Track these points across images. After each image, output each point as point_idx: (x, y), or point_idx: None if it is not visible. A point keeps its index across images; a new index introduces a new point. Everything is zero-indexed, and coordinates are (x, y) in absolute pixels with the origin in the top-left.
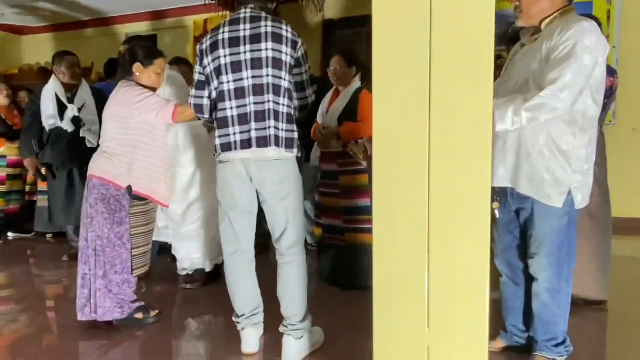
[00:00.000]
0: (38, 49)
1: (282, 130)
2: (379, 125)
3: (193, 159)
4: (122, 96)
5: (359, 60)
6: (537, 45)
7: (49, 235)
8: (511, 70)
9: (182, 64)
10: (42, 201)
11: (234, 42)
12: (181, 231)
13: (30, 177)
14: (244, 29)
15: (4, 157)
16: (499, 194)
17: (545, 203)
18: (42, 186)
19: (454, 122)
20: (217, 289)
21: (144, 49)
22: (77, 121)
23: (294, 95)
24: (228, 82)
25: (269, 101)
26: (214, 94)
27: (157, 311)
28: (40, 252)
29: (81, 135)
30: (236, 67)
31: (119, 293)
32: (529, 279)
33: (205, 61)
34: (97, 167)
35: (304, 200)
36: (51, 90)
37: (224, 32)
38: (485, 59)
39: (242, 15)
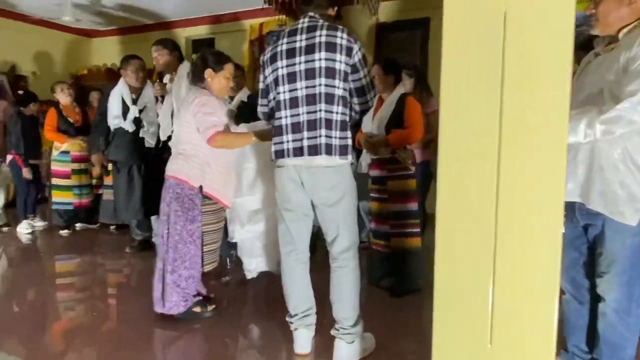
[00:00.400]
0: (106, 51)
1: (335, 137)
2: (446, 132)
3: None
4: (194, 105)
5: (398, 68)
6: (613, 55)
7: (112, 227)
8: (583, 80)
9: (235, 69)
10: (107, 194)
11: (291, 53)
12: (246, 231)
13: (96, 171)
14: (300, 40)
15: (68, 152)
16: (566, 209)
17: (618, 220)
18: (107, 180)
19: (526, 131)
20: (277, 288)
21: (214, 55)
22: (138, 122)
23: (355, 100)
24: (284, 92)
25: (320, 110)
26: (272, 103)
27: (213, 306)
28: (104, 243)
29: (140, 135)
30: (292, 77)
31: (186, 287)
32: (594, 298)
33: (267, 72)
34: (172, 168)
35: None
36: (118, 92)
37: (282, 44)
38: (563, 66)
39: (299, 26)
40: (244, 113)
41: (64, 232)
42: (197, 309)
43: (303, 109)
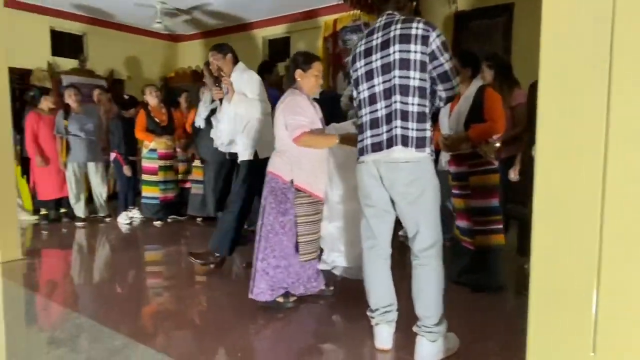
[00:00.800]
0: (191, 54)
1: (412, 129)
2: (545, 127)
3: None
4: (284, 105)
5: (475, 60)
6: None
7: (199, 219)
8: None
9: None
10: (195, 189)
11: (368, 52)
12: (332, 226)
13: (181, 167)
14: (377, 38)
15: (155, 150)
16: None
17: None
18: (195, 175)
19: (637, 124)
20: (357, 281)
21: (302, 55)
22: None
23: (440, 87)
24: (363, 90)
25: (395, 102)
26: (355, 103)
27: (295, 297)
28: (192, 234)
29: (210, 135)
30: (369, 75)
31: (274, 276)
32: None
33: (351, 72)
34: (270, 163)
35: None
36: (207, 93)
37: (361, 45)
38: None
39: (377, 25)
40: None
41: (157, 223)
42: (280, 299)
43: (381, 104)
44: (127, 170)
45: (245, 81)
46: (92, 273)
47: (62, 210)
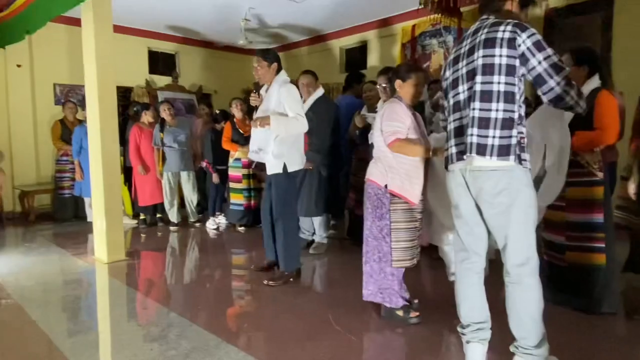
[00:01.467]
0: None
1: (492, 137)
2: None
3: None
4: (383, 113)
5: (594, 58)
6: None
7: None
8: None
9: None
10: None
11: (456, 60)
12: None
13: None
14: (464, 46)
15: (239, 159)
16: None
17: None
18: None
19: None
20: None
21: (404, 66)
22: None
23: (538, 90)
24: (450, 98)
25: (474, 109)
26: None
27: (417, 313)
28: None
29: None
30: (455, 83)
31: (378, 280)
32: None
33: (442, 80)
34: (368, 171)
35: None
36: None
37: (451, 54)
38: None
39: (469, 31)
40: None
41: (241, 229)
42: (400, 313)
43: (464, 112)
44: (215, 178)
45: (283, 96)
46: (183, 274)
47: (158, 215)
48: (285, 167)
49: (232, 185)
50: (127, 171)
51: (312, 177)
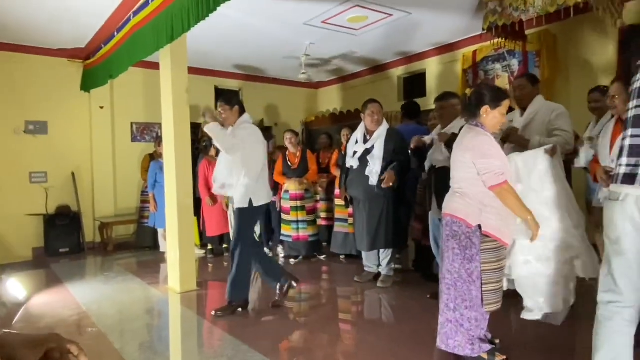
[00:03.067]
0: (329, 99)
1: None
2: None
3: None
4: (468, 142)
5: None
6: None
7: (341, 257)
8: None
9: (452, 98)
10: (338, 227)
11: None
12: (530, 267)
13: (322, 205)
14: None
15: (287, 191)
16: None
17: None
18: (339, 214)
19: None
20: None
21: (492, 91)
22: (364, 160)
23: None
24: (631, 109)
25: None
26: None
27: (504, 357)
28: (335, 271)
29: (366, 173)
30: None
31: (470, 329)
32: None
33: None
34: (449, 206)
35: None
36: (355, 133)
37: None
38: None
39: None
40: None
41: (292, 261)
42: (485, 356)
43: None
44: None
45: (244, 136)
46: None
47: (224, 245)
48: (250, 202)
49: (283, 217)
50: (196, 202)
51: (376, 208)
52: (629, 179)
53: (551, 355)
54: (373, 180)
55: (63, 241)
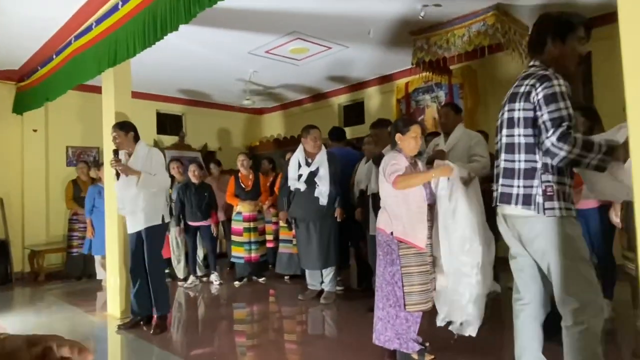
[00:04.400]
0: (273, 125)
1: (517, 187)
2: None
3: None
4: (383, 163)
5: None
6: None
7: (286, 277)
8: None
9: (385, 126)
10: (282, 248)
11: (502, 106)
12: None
13: (269, 227)
14: (507, 94)
15: (240, 213)
16: None
17: None
18: (283, 235)
19: None
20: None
21: (402, 120)
22: (310, 182)
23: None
24: (496, 143)
25: (501, 160)
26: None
27: (432, 356)
28: (280, 291)
29: (315, 194)
30: (497, 130)
31: (395, 325)
32: None
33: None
34: (377, 219)
35: None
36: (295, 157)
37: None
38: None
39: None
40: None
41: (237, 283)
42: (415, 356)
43: (499, 159)
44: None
45: (148, 159)
46: (191, 326)
47: (166, 270)
48: (163, 218)
49: (233, 238)
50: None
51: (325, 227)
52: (505, 198)
53: (474, 354)
54: (323, 201)
55: None
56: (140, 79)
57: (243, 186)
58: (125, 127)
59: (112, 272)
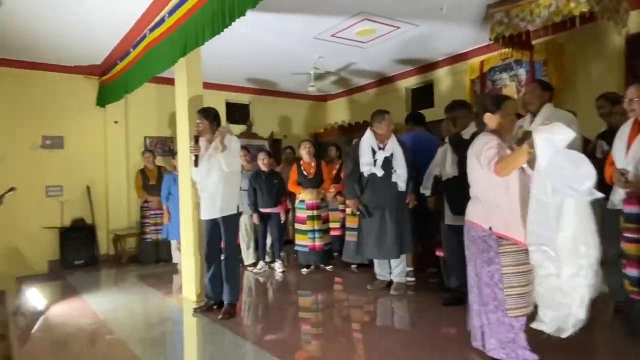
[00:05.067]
0: (338, 111)
1: None
2: None
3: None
4: (474, 147)
5: None
6: None
7: (353, 266)
8: None
9: (462, 108)
10: (350, 236)
11: None
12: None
13: (333, 215)
14: None
15: (303, 201)
16: None
17: None
18: (349, 223)
19: None
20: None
21: (490, 99)
22: (386, 167)
23: None
24: None
25: None
26: None
27: None
28: (347, 280)
29: (393, 180)
30: None
31: (500, 332)
32: None
33: None
34: (467, 212)
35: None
36: (367, 143)
37: None
38: None
39: None
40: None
41: (304, 271)
42: None
43: None
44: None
45: (236, 147)
46: (259, 311)
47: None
48: (237, 208)
49: (297, 226)
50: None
51: (401, 214)
52: None
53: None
54: (402, 186)
55: (78, 253)
56: (211, 70)
57: (305, 174)
58: (209, 114)
59: (186, 257)
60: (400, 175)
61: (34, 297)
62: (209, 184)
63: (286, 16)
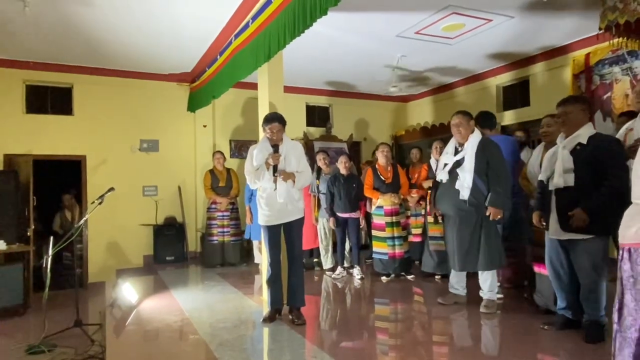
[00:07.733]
0: (419, 112)
1: None
2: None
3: None
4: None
5: None
6: None
7: (437, 276)
8: None
9: (579, 102)
10: (433, 245)
11: None
12: None
13: (414, 221)
14: None
15: (381, 207)
16: None
17: None
18: (433, 232)
19: None
20: None
21: None
22: (453, 172)
23: None
24: None
25: None
26: None
27: None
28: (428, 291)
29: (456, 187)
30: None
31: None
32: None
33: None
34: (629, 233)
35: None
36: (447, 145)
37: None
38: None
39: None
40: None
41: (384, 279)
42: None
43: None
44: (332, 223)
45: (301, 155)
46: (337, 319)
47: (315, 259)
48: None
49: (375, 233)
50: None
51: (471, 226)
52: None
53: None
54: (464, 195)
55: (169, 250)
56: (291, 73)
57: (382, 178)
58: (284, 121)
59: (265, 259)
60: (462, 183)
61: (129, 290)
62: (285, 189)
63: (367, 14)
